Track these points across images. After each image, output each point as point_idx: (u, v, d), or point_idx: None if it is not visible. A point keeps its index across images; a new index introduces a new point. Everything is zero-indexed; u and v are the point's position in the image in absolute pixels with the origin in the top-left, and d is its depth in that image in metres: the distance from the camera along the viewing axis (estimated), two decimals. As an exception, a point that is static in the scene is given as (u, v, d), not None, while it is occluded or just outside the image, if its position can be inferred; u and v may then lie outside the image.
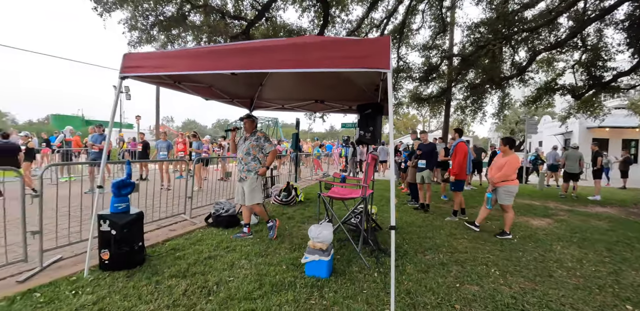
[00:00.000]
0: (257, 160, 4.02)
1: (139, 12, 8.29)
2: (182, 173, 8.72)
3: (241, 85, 4.45)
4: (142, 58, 2.91)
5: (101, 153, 7.39)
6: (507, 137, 4.96)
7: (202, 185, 7.40)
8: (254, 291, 2.62)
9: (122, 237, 2.84)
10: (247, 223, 4.15)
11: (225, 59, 2.54)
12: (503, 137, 5.36)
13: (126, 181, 2.94)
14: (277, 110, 5.84)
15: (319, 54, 2.17)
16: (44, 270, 2.94)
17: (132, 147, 10.87)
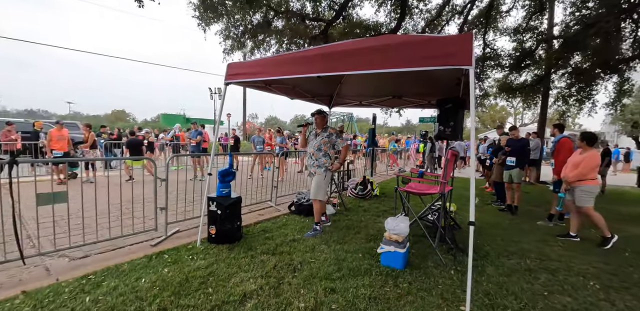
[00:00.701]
0: (327, 156, 4.07)
1: (231, 23, 9.36)
2: (267, 165, 9.64)
3: (322, 84, 4.75)
4: (240, 66, 3.42)
5: (198, 147, 8.83)
6: (586, 132, 4.34)
7: (284, 176, 8.09)
8: (333, 273, 2.90)
9: (225, 216, 3.43)
10: (323, 212, 4.41)
11: (310, 64, 2.83)
12: (582, 131, 4.64)
13: (229, 170, 3.53)
14: (355, 107, 6.02)
15: (400, 55, 2.28)
16: (168, 239, 3.74)
17: (224, 141, 12.37)
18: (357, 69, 2.58)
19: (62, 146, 6.94)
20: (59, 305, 2.21)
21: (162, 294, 2.39)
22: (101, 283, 2.53)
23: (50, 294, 2.35)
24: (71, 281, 2.56)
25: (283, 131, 9.28)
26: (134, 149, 7.72)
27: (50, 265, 2.98)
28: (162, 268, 2.83)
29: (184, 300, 2.32)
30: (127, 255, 3.22)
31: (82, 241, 3.26)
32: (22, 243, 2.83)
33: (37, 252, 3.02)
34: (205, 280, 2.65)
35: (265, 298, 2.41)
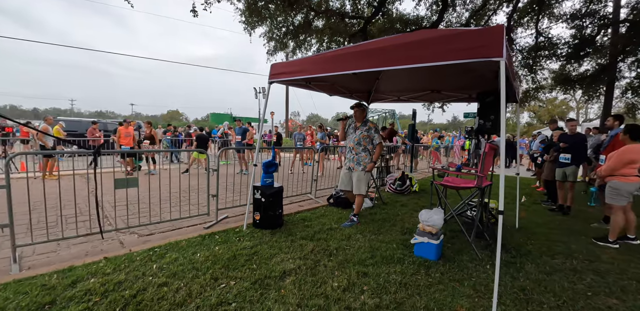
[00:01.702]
0: (367, 151, 4.13)
1: (274, 25, 9.79)
2: (309, 161, 9.99)
3: (359, 81, 4.88)
4: (282, 66, 3.70)
5: (241, 142, 9.46)
6: (630, 124, 3.87)
7: (323, 171, 8.35)
8: (366, 260, 3.06)
9: (269, 204, 3.74)
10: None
11: (347, 62, 3.00)
12: (628, 124, 4.12)
13: (272, 162, 3.84)
14: (393, 102, 6.05)
15: (432, 49, 2.36)
16: (218, 223, 4.16)
17: (267, 138, 12.99)
18: (391, 65, 2.69)
19: (128, 142, 7.92)
20: (132, 269, 2.66)
21: (214, 266, 2.74)
22: (164, 255, 2.96)
23: (126, 261, 2.82)
24: (141, 252, 3.03)
25: (325, 127, 9.55)
26: (201, 142, 8.62)
27: (123, 240, 3.54)
28: (213, 246, 3.21)
29: (232, 273, 2.65)
30: (184, 234, 3.68)
31: (148, 222, 3.79)
32: (102, 221, 3.40)
33: (113, 228, 3.59)
34: (250, 258, 2.97)
35: (302, 276, 2.65)
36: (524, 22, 10.66)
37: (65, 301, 2.18)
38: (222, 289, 2.38)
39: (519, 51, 10.90)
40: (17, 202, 2.93)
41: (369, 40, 8.77)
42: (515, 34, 10.75)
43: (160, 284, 2.41)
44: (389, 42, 2.82)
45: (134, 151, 7.58)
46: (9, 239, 2.90)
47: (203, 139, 8.98)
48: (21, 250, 3.10)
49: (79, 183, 3.64)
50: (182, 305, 2.17)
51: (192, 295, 2.29)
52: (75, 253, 3.19)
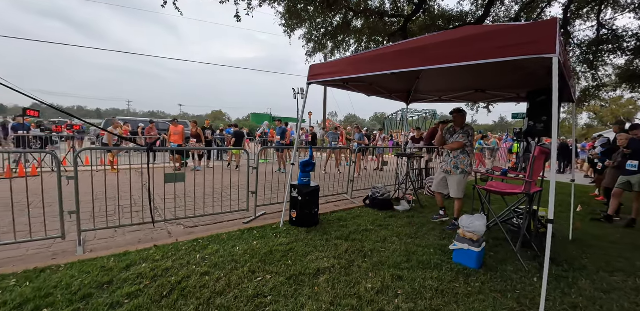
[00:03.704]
0: (465, 153, 4.11)
1: (313, 27, 9.90)
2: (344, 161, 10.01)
3: (398, 81, 4.79)
4: (321, 67, 3.75)
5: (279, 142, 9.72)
6: None
7: (360, 172, 8.31)
8: (402, 263, 3.00)
9: (305, 202, 3.81)
10: (442, 206, 4.53)
11: (386, 61, 2.97)
12: None
13: (309, 161, 3.91)
14: (434, 102, 5.85)
15: (477, 47, 2.25)
16: (256, 219, 4.32)
17: (305, 138, 13.17)
18: (432, 64, 2.61)
19: (177, 139, 8.49)
20: (179, 257, 2.87)
21: (252, 260, 2.87)
22: (207, 246, 3.15)
23: (173, 249, 3.05)
24: (186, 242, 3.25)
25: (362, 128, 9.50)
26: (238, 139, 9.13)
27: (171, 230, 3.81)
28: (252, 241, 3.35)
29: (268, 267, 2.75)
30: (224, 228, 3.88)
31: (192, 214, 4.05)
32: (153, 212, 3.69)
33: (162, 219, 3.88)
34: (286, 254, 3.05)
35: (336, 275, 2.67)
36: (583, 13, 9.70)
37: (120, 282, 2.41)
38: (259, 282, 2.48)
39: (577, 46, 9.94)
40: (81, 192, 3.27)
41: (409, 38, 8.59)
42: (572, 26, 9.84)
43: (202, 273, 2.57)
44: (431, 40, 2.74)
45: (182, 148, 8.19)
46: (75, 224, 3.26)
47: (239, 135, 9.53)
48: (85, 235, 3.47)
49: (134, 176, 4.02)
50: (221, 293, 2.30)
51: (231, 285, 2.42)
52: (129, 239, 3.50)
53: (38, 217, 3.35)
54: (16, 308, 2.06)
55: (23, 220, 3.35)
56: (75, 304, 2.10)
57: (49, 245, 3.28)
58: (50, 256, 3.03)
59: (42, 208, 3.16)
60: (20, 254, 3.10)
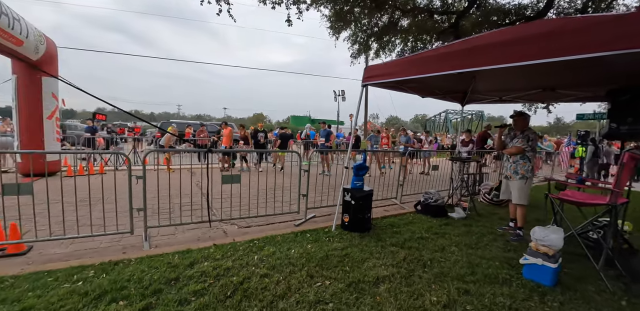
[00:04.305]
0: (526, 158, 3.90)
1: (358, 28, 9.81)
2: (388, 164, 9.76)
3: (455, 81, 4.50)
4: (376, 69, 3.66)
5: (324, 144, 9.72)
6: None
7: (407, 176, 8.01)
8: (466, 276, 2.79)
9: (358, 207, 3.72)
10: (513, 218, 4.18)
11: (452, 60, 2.79)
12: None
13: (362, 165, 3.81)
14: (493, 103, 5.47)
15: (571, 40, 2.01)
16: (306, 221, 4.30)
17: (347, 140, 13.08)
18: (503, 63, 2.42)
19: (226, 141, 8.85)
20: (237, 258, 2.92)
21: (308, 264, 2.83)
22: (263, 248, 3.18)
23: (231, 249, 3.11)
24: (243, 243, 3.31)
25: (407, 131, 9.19)
26: (283, 141, 9.35)
27: (226, 229, 3.93)
28: (306, 244, 3.32)
29: (326, 272, 2.69)
30: (277, 229, 3.91)
31: (245, 215, 4.14)
32: (210, 211, 3.83)
33: (218, 219, 4.01)
34: (342, 259, 2.98)
35: (397, 285, 2.54)
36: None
37: (186, 279, 2.49)
38: (319, 287, 2.43)
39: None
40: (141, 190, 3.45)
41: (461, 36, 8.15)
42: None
43: (262, 275, 2.58)
44: (500, 36, 2.54)
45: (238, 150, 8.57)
46: (140, 220, 3.47)
47: (285, 137, 9.64)
48: (149, 231, 3.68)
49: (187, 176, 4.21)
50: (283, 297, 2.28)
51: (291, 289, 2.39)
52: (189, 237, 3.66)
53: (107, 212, 3.60)
54: (95, 298, 2.20)
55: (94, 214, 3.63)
56: (147, 298, 2.20)
57: (119, 239, 3.52)
58: (120, 250, 3.24)
59: (112, 204, 3.41)
60: (95, 246, 3.37)
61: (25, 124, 7.06)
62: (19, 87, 6.93)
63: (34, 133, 7.07)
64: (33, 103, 7.07)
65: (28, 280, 2.45)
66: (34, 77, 7.01)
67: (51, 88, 7.34)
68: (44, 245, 3.28)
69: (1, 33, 5.45)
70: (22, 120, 7.05)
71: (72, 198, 3.33)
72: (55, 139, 7.55)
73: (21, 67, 6.88)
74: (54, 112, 7.42)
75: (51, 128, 7.35)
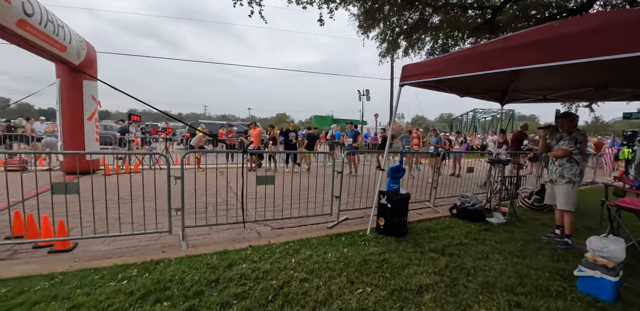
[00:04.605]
0: (573, 161, 3.65)
1: (387, 27, 9.59)
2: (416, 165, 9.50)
3: (495, 79, 4.28)
4: (415, 68, 3.53)
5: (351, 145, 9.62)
6: None
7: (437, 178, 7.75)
8: (515, 287, 2.61)
9: (394, 210, 3.60)
10: (559, 225, 3.94)
11: (499, 58, 2.63)
12: None
13: (400, 167, 3.69)
14: (535, 102, 5.15)
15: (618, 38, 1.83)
16: (339, 224, 4.23)
17: (373, 140, 12.88)
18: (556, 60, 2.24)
19: (254, 141, 8.94)
20: (275, 260, 2.89)
21: (347, 269, 2.75)
22: (299, 251, 3.14)
23: (268, 251, 3.09)
24: (279, 245, 3.28)
25: (438, 131, 8.91)
26: (311, 141, 9.33)
27: (259, 230, 3.93)
28: (342, 248, 3.25)
29: (366, 278, 2.60)
30: (309, 231, 3.86)
31: (278, 216, 4.12)
32: (245, 212, 3.84)
33: (252, 220, 4.02)
34: (381, 265, 2.88)
35: (441, 295, 2.42)
36: None
37: (226, 281, 2.49)
38: (361, 294, 2.35)
39: None
40: (177, 190, 3.50)
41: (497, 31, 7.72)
42: None
43: (301, 279, 2.53)
44: (555, 31, 2.34)
45: (273, 151, 8.65)
46: (177, 219, 3.52)
47: (312, 137, 9.60)
48: (186, 230, 3.74)
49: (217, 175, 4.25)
50: (325, 304, 2.22)
51: (333, 295, 2.33)
52: (223, 237, 3.69)
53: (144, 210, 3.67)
54: (141, 298, 2.23)
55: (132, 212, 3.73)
56: (190, 300, 2.21)
57: (157, 238, 3.60)
58: (159, 249, 3.30)
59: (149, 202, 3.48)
60: (135, 244, 3.46)
61: (68, 125, 7.45)
62: (62, 90, 7.33)
63: (76, 134, 7.45)
64: (75, 106, 7.45)
65: (76, 277, 2.54)
66: (75, 80, 7.39)
67: (91, 91, 7.71)
68: (88, 242, 3.41)
69: (47, 39, 5.76)
70: (65, 122, 7.46)
71: (111, 196, 3.45)
72: (95, 139, 7.92)
73: (64, 71, 7.27)
74: (93, 114, 7.78)
75: (91, 129, 7.72)
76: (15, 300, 2.18)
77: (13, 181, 3.34)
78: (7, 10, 4.54)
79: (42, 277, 2.55)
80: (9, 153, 8.78)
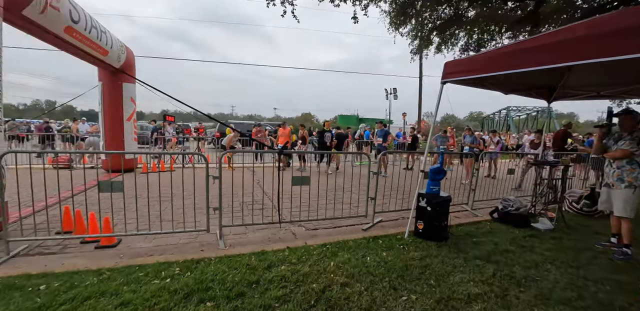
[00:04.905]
0: (635, 163, 3.34)
1: (419, 23, 9.31)
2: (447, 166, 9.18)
3: (544, 75, 4.01)
4: (459, 64, 3.36)
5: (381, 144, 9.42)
6: None
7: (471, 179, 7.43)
8: (573, 301, 2.41)
9: (434, 214, 3.45)
10: (615, 233, 3.62)
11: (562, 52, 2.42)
12: None
13: (440, 168, 3.53)
14: (585, 99, 4.76)
15: None
16: (374, 226, 4.13)
17: (402, 140, 12.57)
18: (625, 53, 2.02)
19: (283, 141, 9.01)
20: (313, 263, 2.85)
21: (389, 274, 2.66)
22: (337, 253, 3.08)
23: (305, 253, 3.06)
24: (316, 247, 3.24)
25: (473, 130, 8.52)
26: (340, 141, 9.30)
27: (294, 231, 3.91)
28: (380, 251, 3.15)
29: (409, 285, 2.49)
30: (344, 233, 3.79)
31: (312, 216, 4.08)
32: (281, 212, 3.84)
33: (287, 220, 4.01)
34: (423, 271, 2.75)
35: (492, 306, 2.27)
36: None
37: (266, 283, 2.47)
38: (406, 302, 2.25)
39: None
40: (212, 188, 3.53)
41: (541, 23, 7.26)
42: None
43: (342, 283, 2.47)
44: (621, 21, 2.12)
45: (307, 152, 8.60)
46: (215, 218, 3.57)
47: (342, 137, 9.47)
48: (222, 230, 3.78)
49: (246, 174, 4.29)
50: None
51: (376, 302, 2.24)
52: (259, 237, 3.69)
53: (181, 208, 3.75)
54: (185, 297, 2.26)
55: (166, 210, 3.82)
56: (233, 302, 2.20)
57: (195, 236, 3.67)
58: (198, 247, 3.36)
59: (187, 200, 3.54)
60: (175, 242, 3.54)
61: (109, 125, 7.85)
62: (104, 92, 7.72)
63: (116, 134, 7.83)
64: (115, 107, 7.83)
65: (122, 274, 2.62)
66: (116, 83, 7.76)
67: (130, 93, 8.06)
68: (131, 239, 3.53)
69: (91, 44, 6.07)
70: (106, 122, 7.86)
71: (149, 193, 3.56)
72: (133, 139, 8.28)
73: (106, 75, 7.65)
74: (132, 115, 8.14)
75: (130, 129, 8.08)
76: (67, 294, 2.27)
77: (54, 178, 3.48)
78: (57, 18, 4.81)
79: (91, 272, 2.65)
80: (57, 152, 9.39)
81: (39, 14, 4.35)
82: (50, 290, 2.31)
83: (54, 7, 4.61)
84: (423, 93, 23.71)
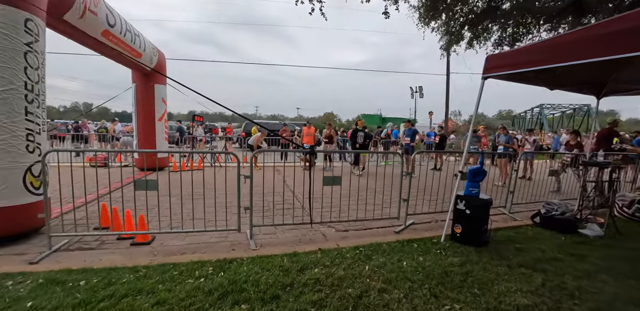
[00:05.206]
0: None
1: (449, 17, 8.96)
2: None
3: (594, 69, 3.69)
4: (503, 58, 3.15)
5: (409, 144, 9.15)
6: None
7: (506, 180, 7.06)
8: (637, 317, 2.17)
9: (474, 217, 3.27)
10: None
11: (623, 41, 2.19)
12: None
13: (480, 169, 3.33)
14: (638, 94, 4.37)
15: None
16: (406, 228, 3.98)
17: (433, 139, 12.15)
18: None
19: (309, 140, 8.97)
20: (347, 267, 2.75)
21: (428, 281, 2.52)
22: (371, 257, 2.97)
23: (338, 256, 2.97)
24: (349, 249, 3.15)
25: (507, 129, 8.09)
26: (366, 140, 9.11)
27: (324, 232, 3.83)
28: (417, 256, 3.01)
29: (451, 293, 2.35)
30: (377, 236, 3.68)
31: (343, 217, 4.00)
32: (312, 212, 3.78)
33: (318, 221, 3.94)
34: (465, 278, 2.59)
35: (545, 320, 2.08)
36: None
37: (301, 286, 2.40)
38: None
39: None
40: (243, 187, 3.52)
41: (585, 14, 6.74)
42: None
43: (380, 289, 2.36)
44: None
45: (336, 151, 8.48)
46: (246, 217, 3.56)
47: (369, 137, 9.26)
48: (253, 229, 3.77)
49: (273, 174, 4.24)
50: (410, 320, 2.03)
51: (417, 310, 2.12)
52: (289, 237, 3.65)
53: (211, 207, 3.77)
54: (220, 298, 2.23)
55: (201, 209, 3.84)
56: (267, 305, 2.15)
57: (226, 235, 3.68)
58: (229, 246, 3.36)
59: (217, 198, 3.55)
60: (206, 240, 3.56)
61: (142, 125, 8.13)
62: (137, 93, 8.00)
63: (149, 134, 8.09)
64: (147, 108, 8.10)
65: (157, 272, 2.64)
66: (148, 84, 8.02)
67: (161, 94, 8.31)
68: (164, 237, 3.59)
69: (125, 47, 6.28)
70: (139, 122, 8.14)
71: (179, 191, 3.61)
72: (164, 138, 8.54)
73: (139, 76, 7.92)
74: (163, 115, 8.39)
75: (161, 129, 8.33)
76: (105, 291, 2.30)
77: (92, 176, 3.57)
78: (94, 22, 4.99)
79: (127, 269, 2.70)
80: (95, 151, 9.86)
81: (78, 19, 4.53)
82: (89, 286, 2.36)
83: (92, 12, 4.79)
84: (457, 90, 23.03)
